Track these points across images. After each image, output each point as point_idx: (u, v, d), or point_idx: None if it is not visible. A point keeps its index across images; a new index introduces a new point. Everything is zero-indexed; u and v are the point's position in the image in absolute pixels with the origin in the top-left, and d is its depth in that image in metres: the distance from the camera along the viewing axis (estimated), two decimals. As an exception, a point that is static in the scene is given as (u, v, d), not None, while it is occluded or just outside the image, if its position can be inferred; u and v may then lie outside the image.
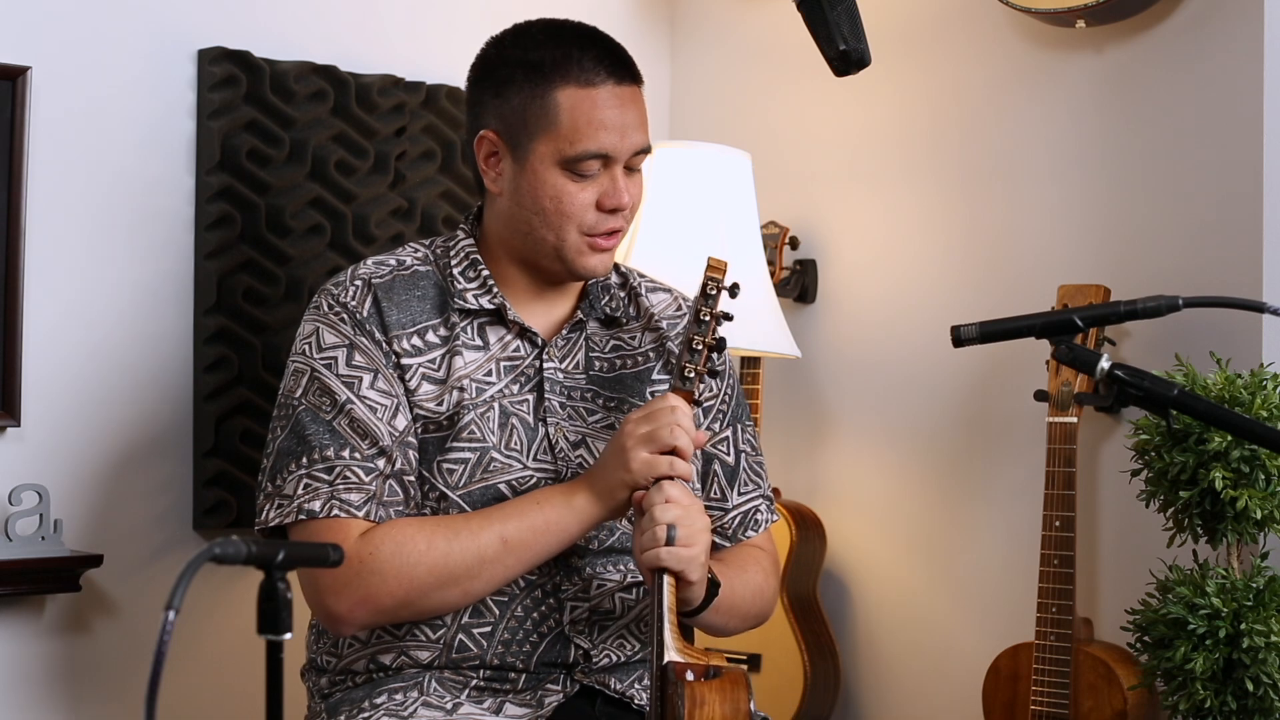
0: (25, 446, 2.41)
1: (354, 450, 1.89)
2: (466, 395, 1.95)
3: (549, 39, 1.97)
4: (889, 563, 3.02)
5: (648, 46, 3.32)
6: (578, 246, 1.97)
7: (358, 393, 1.92)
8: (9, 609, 2.41)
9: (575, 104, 1.93)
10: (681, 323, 2.14)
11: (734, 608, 2.03)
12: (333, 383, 1.92)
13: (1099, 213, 2.73)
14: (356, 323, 1.95)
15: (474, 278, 2.01)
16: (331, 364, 1.94)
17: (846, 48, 1.95)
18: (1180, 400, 1.77)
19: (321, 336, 1.96)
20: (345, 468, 1.88)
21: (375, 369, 1.93)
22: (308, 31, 2.72)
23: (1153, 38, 2.65)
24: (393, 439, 1.91)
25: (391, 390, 1.93)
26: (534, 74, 1.94)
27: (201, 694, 2.59)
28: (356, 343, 1.95)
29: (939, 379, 2.93)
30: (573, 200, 1.94)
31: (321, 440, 1.90)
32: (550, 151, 1.93)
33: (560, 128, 1.93)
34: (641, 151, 1.98)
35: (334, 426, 1.90)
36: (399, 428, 1.92)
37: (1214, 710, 2.27)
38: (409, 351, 1.96)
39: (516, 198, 1.97)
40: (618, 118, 1.94)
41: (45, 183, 2.42)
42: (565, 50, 1.94)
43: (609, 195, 1.96)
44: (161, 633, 1.21)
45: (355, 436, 1.90)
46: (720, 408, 2.14)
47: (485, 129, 1.99)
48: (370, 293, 1.97)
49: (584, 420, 2.01)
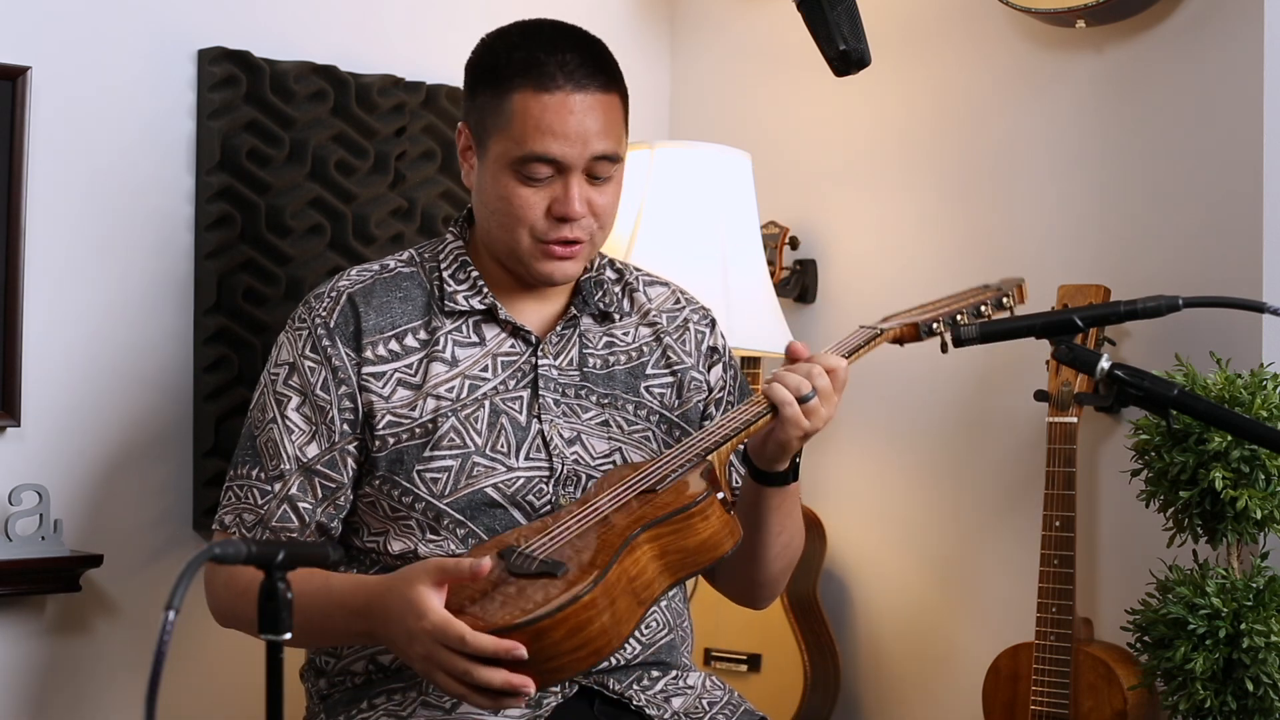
0: (25, 446, 2.41)
1: (260, 470, 1.97)
2: (446, 402, 1.95)
3: (523, 40, 1.97)
4: (889, 563, 3.02)
5: (648, 46, 3.33)
6: (531, 251, 1.97)
7: (282, 412, 1.97)
8: (9, 609, 2.41)
9: (526, 107, 1.92)
10: (679, 317, 2.14)
11: (791, 529, 2.04)
12: (269, 399, 1.99)
13: (1099, 213, 2.73)
14: (315, 339, 1.98)
15: (464, 279, 2.02)
16: (275, 380, 2.00)
17: (846, 48, 1.95)
18: (1180, 400, 1.78)
19: (279, 353, 2.02)
20: (250, 488, 1.97)
21: (306, 393, 1.96)
22: (308, 31, 2.72)
23: (1153, 38, 2.65)
24: (297, 464, 1.95)
25: (313, 418, 1.96)
26: (497, 74, 1.95)
27: (201, 694, 2.59)
28: (299, 364, 1.98)
29: (939, 379, 2.93)
30: (523, 203, 1.94)
31: (244, 456, 1.99)
32: (502, 152, 1.94)
33: (511, 129, 1.93)
34: (605, 159, 1.95)
35: (255, 443, 1.99)
36: (308, 455, 1.95)
37: (1214, 710, 2.27)
38: (384, 358, 1.97)
39: (480, 195, 2.01)
40: (573, 124, 1.92)
41: (45, 183, 2.42)
42: (531, 53, 1.94)
43: (558, 202, 1.94)
44: (161, 633, 1.21)
45: (265, 455, 1.97)
46: (727, 399, 2.15)
47: (461, 121, 2.03)
48: (346, 300, 1.99)
49: (578, 417, 2.01)
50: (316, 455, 1.95)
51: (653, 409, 2.07)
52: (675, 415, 2.09)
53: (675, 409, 2.09)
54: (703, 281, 2.67)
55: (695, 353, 2.13)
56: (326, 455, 1.96)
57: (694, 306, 2.18)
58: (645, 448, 2.04)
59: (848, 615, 3.07)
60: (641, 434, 2.05)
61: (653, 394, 2.08)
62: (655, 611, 2.01)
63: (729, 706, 2.03)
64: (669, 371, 2.10)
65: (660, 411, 2.08)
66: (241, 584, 1.93)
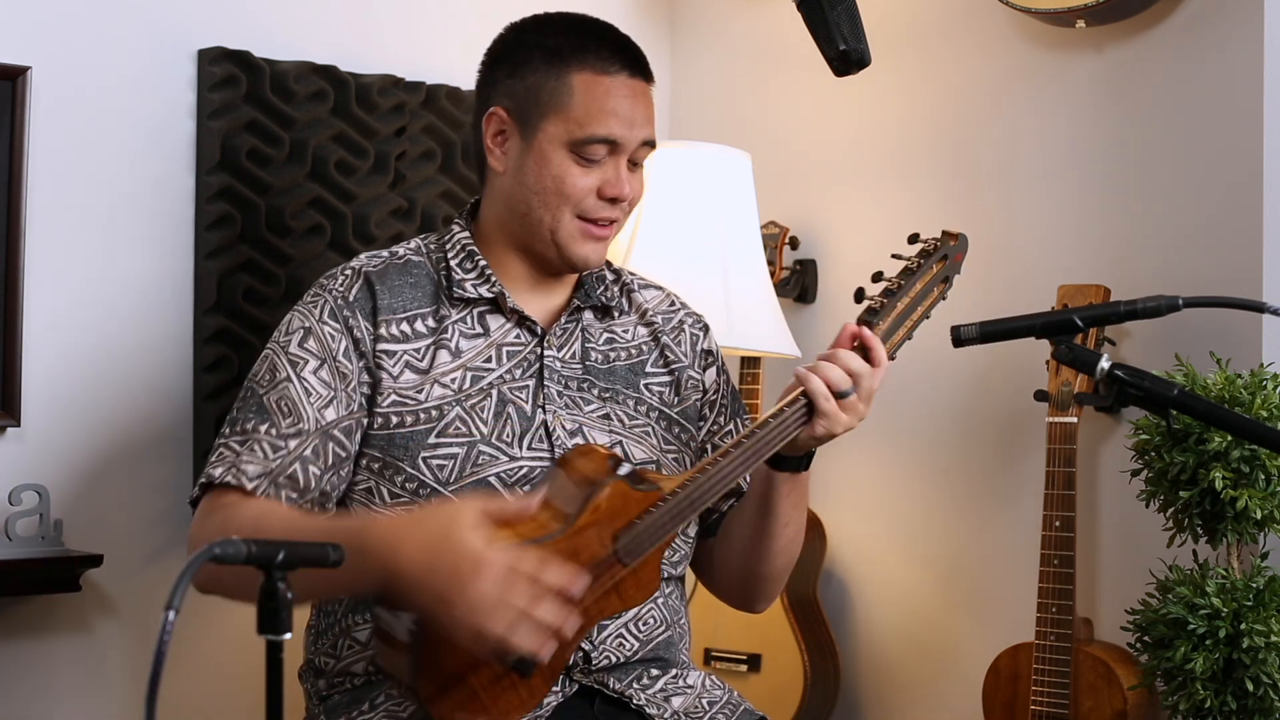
0: (25, 446, 2.41)
1: (271, 426, 1.90)
2: (449, 391, 1.96)
3: (569, 27, 2.03)
4: (889, 563, 3.02)
5: (648, 46, 3.29)
6: (570, 231, 1.99)
7: (299, 373, 1.93)
8: (9, 609, 2.41)
9: (589, 88, 1.97)
10: (674, 319, 2.15)
11: (796, 523, 2.05)
12: (280, 360, 1.95)
13: (1099, 213, 2.73)
14: (334, 308, 1.97)
15: (471, 268, 2.03)
16: (287, 344, 1.96)
17: (846, 48, 1.95)
18: (1180, 400, 1.77)
19: (290, 321, 1.99)
20: (256, 441, 1.89)
21: (325, 358, 1.94)
22: (308, 31, 2.72)
23: (1153, 38, 2.65)
24: (316, 425, 1.91)
25: (333, 383, 1.93)
26: (552, 56, 1.98)
27: (201, 694, 2.59)
28: (316, 329, 1.96)
29: (939, 379, 2.93)
30: (575, 183, 1.97)
31: (246, 414, 1.92)
32: (560, 132, 1.97)
33: (572, 110, 1.96)
34: (647, 144, 2.02)
35: (263, 401, 1.92)
36: (327, 418, 1.92)
37: (1214, 710, 2.27)
38: (396, 337, 1.97)
39: (520, 176, 2.00)
40: (629, 108, 1.98)
41: (45, 182, 2.42)
42: (584, 39, 2.00)
43: (610, 184, 1.98)
44: (161, 633, 1.21)
45: (278, 413, 1.91)
46: (721, 402, 2.16)
47: (495, 105, 2.02)
48: (362, 279, 2.00)
49: (580, 409, 2.02)
50: (334, 420, 1.92)
51: (652, 405, 2.08)
52: (675, 412, 2.10)
53: (674, 406, 2.10)
54: (703, 281, 2.68)
55: (690, 354, 2.15)
56: (344, 422, 1.93)
57: (688, 311, 2.20)
58: (645, 442, 2.05)
59: (848, 615, 3.07)
60: (642, 429, 2.05)
61: (652, 391, 2.09)
62: (652, 608, 2.01)
63: (729, 706, 2.03)
64: (667, 370, 2.12)
65: (660, 408, 2.08)
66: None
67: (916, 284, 2.01)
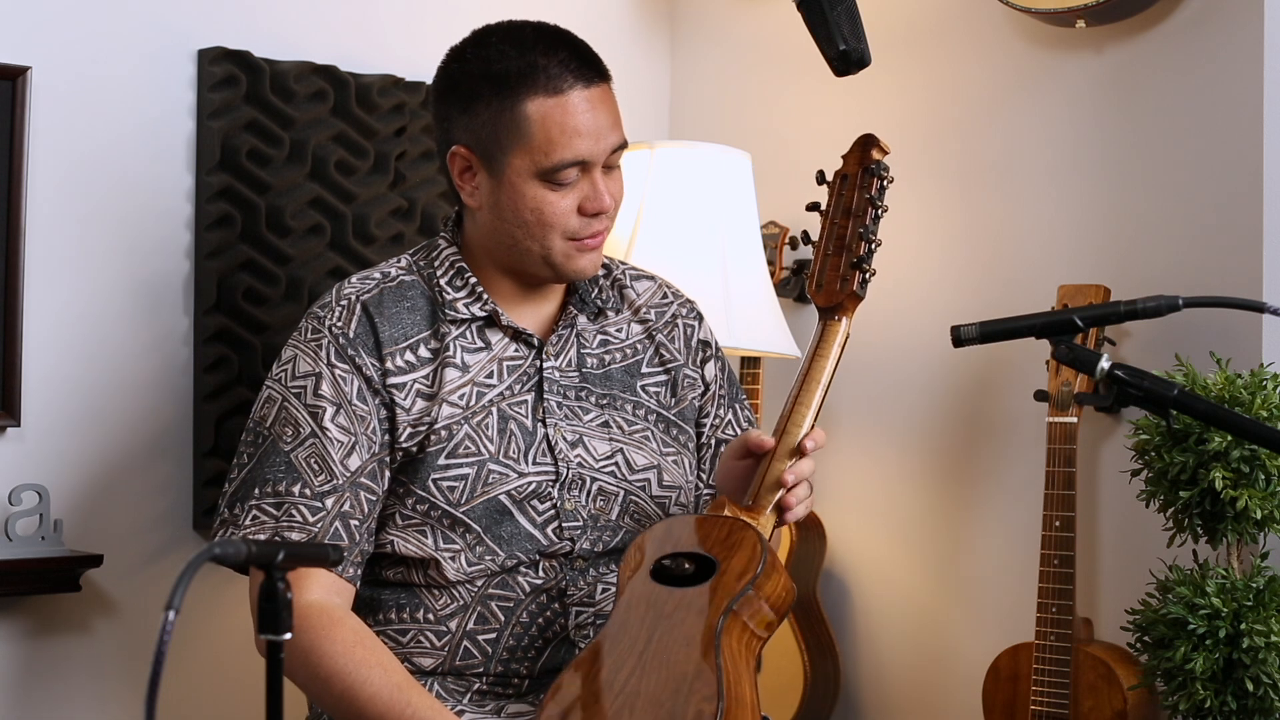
0: (25, 446, 2.41)
1: (305, 486, 1.87)
2: (458, 409, 1.94)
3: (511, 46, 1.92)
4: (889, 563, 3.02)
5: (648, 46, 3.33)
6: (564, 252, 1.95)
7: (320, 424, 1.89)
8: (9, 609, 2.41)
9: (545, 114, 1.89)
10: (667, 312, 2.14)
11: None
12: (300, 413, 1.90)
13: (1099, 213, 2.73)
14: (339, 347, 1.93)
15: (462, 286, 1.99)
16: (301, 393, 1.91)
17: (846, 48, 1.95)
18: (1180, 400, 1.77)
19: (296, 365, 1.94)
20: (292, 505, 1.86)
21: (340, 403, 1.90)
22: (308, 31, 2.72)
23: (1153, 38, 2.65)
24: (345, 479, 1.88)
25: (351, 427, 1.90)
26: (500, 86, 1.90)
27: (201, 694, 2.59)
28: (326, 373, 1.92)
29: (939, 379, 2.93)
30: (554, 209, 1.92)
31: (276, 473, 1.88)
32: (526, 165, 1.90)
33: (533, 140, 1.89)
34: (619, 149, 1.96)
35: (290, 459, 1.88)
36: (350, 467, 1.89)
37: (1214, 710, 2.27)
38: (403, 368, 1.94)
39: (497, 211, 1.95)
40: (590, 122, 1.91)
41: (45, 182, 2.42)
42: (528, 58, 1.90)
43: (590, 200, 1.94)
44: (161, 633, 1.21)
45: (308, 471, 1.88)
46: (720, 392, 2.16)
47: (456, 145, 1.95)
48: (360, 311, 1.95)
49: (580, 419, 2.01)
50: (359, 467, 1.90)
51: (650, 408, 2.07)
52: (672, 414, 2.09)
53: (672, 408, 2.09)
54: (703, 281, 2.67)
55: (685, 350, 2.13)
56: (368, 466, 1.91)
57: (680, 300, 2.17)
58: (645, 447, 2.04)
59: (848, 615, 3.07)
60: (641, 434, 2.05)
61: (649, 393, 2.08)
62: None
63: (729, 706, 2.02)
64: (663, 370, 2.11)
65: (658, 411, 2.08)
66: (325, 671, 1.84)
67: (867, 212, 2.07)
